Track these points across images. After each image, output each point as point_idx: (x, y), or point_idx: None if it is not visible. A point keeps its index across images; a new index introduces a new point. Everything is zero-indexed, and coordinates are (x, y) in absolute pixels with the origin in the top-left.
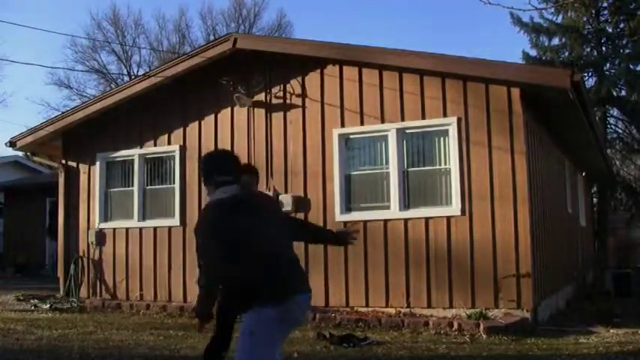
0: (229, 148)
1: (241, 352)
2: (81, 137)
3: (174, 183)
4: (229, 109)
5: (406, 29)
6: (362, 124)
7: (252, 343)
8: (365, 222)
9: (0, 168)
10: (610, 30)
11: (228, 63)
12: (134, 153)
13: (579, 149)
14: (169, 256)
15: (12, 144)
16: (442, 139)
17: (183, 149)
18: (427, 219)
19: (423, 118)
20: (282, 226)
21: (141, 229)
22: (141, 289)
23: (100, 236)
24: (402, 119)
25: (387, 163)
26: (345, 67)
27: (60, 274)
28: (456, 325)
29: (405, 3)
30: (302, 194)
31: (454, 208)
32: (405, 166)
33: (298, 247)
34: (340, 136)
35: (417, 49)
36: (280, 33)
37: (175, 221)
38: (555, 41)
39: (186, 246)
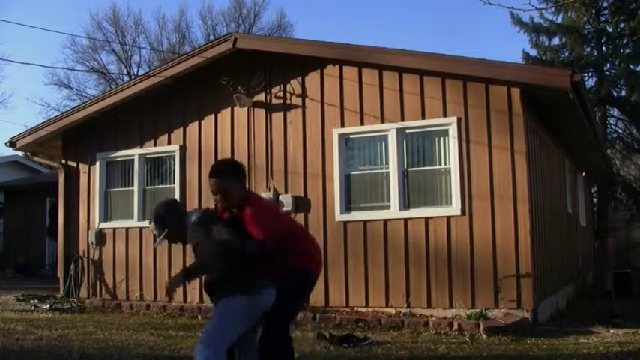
0: (229, 148)
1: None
2: (81, 137)
3: (174, 183)
4: (229, 109)
5: (406, 29)
6: (362, 124)
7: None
8: (365, 222)
9: (0, 168)
10: (610, 30)
11: (228, 63)
12: (134, 153)
13: (579, 149)
14: (169, 256)
15: (12, 144)
16: (442, 139)
17: (183, 149)
18: (427, 219)
19: (423, 118)
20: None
21: (141, 229)
22: (141, 289)
23: (100, 236)
24: (402, 119)
25: (387, 163)
26: (345, 67)
27: (60, 274)
28: (456, 325)
29: (405, 3)
30: (302, 194)
31: (454, 208)
32: (405, 166)
33: None
34: (340, 136)
35: (417, 49)
36: (280, 33)
37: None
38: (555, 41)
39: (186, 246)
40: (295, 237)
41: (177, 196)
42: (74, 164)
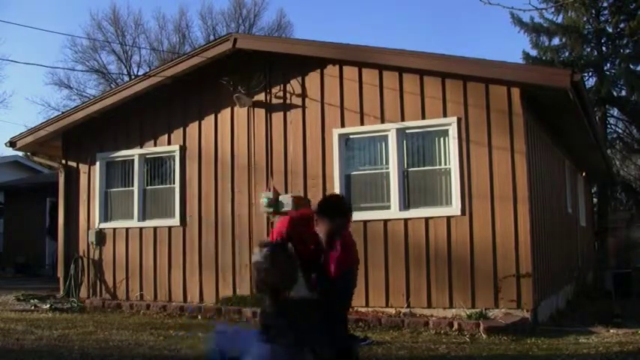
0: (229, 148)
1: None
2: (81, 137)
3: (174, 183)
4: (229, 109)
5: (406, 29)
6: (362, 124)
7: None
8: (365, 222)
9: (0, 168)
10: (610, 30)
11: (228, 63)
12: (134, 153)
13: (579, 149)
14: (169, 256)
15: (12, 144)
16: (442, 139)
17: (183, 149)
18: (427, 219)
19: (423, 118)
20: None
21: (141, 229)
22: (141, 289)
23: (100, 236)
24: (402, 119)
25: (387, 163)
26: (345, 67)
27: (60, 274)
28: (456, 325)
29: (405, 3)
30: (302, 194)
31: (454, 208)
32: (405, 166)
33: None
34: (340, 136)
35: (417, 49)
36: (280, 33)
37: (175, 221)
38: (555, 41)
39: (186, 246)
40: None
41: (177, 197)
42: (74, 164)
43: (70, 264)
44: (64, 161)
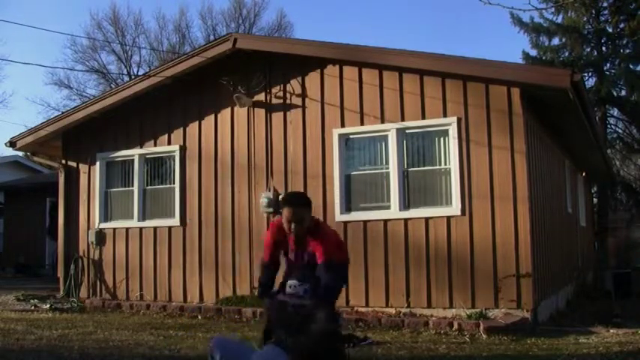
0: (229, 148)
1: None
2: (81, 137)
3: (174, 183)
4: (229, 109)
5: (406, 29)
6: (362, 124)
7: None
8: (365, 222)
9: (0, 168)
10: (610, 30)
11: (228, 63)
12: (134, 153)
13: (579, 149)
14: (169, 256)
15: (12, 144)
16: (442, 139)
17: (183, 149)
18: (427, 219)
19: (423, 118)
20: None
21: (141, 229)
22: (141, 289)
23: (100, 236)
24: (402, 119)
25: (387, 163)
26: (345, 67)
27: (60, 274)
28: (456, 325)
29: (405, 3)
30: None
31: (454, 208)
32: (405, 166)
33: None
34: (340, 136)
35: (417, 49)
36: (280, 33)
37: (175, 221)
38: (555, 41)
39: (186, 246)
40: None
41: (177, 197)
42: (74, 164)
43: (70, 264)
44: (64, 161)
